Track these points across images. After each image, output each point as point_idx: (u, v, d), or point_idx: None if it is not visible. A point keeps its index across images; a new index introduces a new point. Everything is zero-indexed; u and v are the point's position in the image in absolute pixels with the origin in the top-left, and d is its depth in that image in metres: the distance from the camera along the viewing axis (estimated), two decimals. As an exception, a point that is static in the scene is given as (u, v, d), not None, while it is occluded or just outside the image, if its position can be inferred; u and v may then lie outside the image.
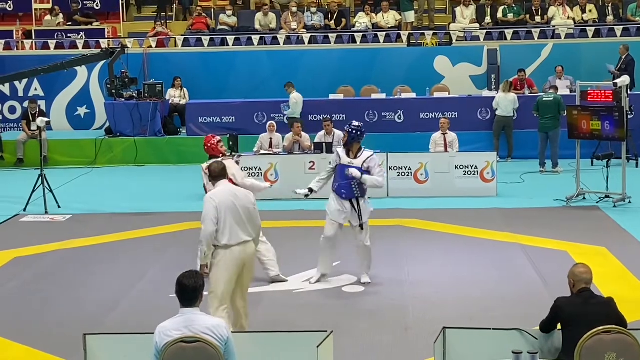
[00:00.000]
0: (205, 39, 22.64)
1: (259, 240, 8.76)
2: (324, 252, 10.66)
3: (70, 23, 24.05)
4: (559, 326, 6.69)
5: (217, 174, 8.49)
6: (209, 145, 10.95)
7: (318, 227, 13.17)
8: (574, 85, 19.43)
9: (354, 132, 10.67)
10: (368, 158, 10.60)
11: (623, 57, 20.22)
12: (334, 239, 10.57)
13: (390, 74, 21.39)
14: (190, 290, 6.20)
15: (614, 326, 6.28)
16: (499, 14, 23.11)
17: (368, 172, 10.52)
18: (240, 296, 8.50)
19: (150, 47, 22.44)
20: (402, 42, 22.45)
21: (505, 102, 18.94)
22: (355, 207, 10.57)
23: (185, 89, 21.28)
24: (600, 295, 6.93)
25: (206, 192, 10.65)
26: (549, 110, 17.71)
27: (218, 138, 11.09)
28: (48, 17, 24.20)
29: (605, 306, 6.61)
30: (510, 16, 23.01)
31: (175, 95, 21.17)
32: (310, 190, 10.86)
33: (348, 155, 10.66)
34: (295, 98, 19.31)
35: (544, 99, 17.97)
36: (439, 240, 12.72)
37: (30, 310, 9.95)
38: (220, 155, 10.91)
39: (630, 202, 14.67)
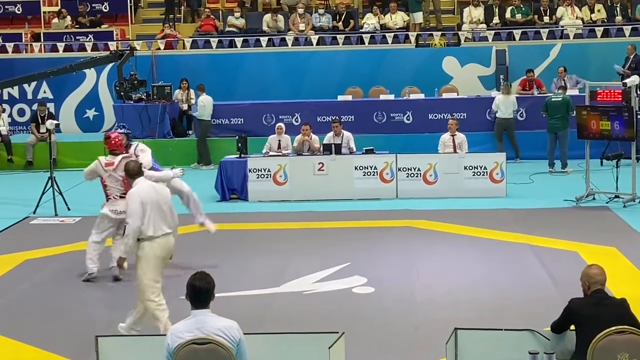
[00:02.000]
0: (214, 41, 22.66)
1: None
2: None
3: (78, 26, 24.12)
4: (571, 327, 6.68)
5: (136, 172, 8.88)
6: (116, 141, 11.26)
7: (327, 228, 13.25)
8: (580, 83, 19.48)
9: None
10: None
11: (631, 56, 20.20)
12: None
13: (398, 75, 21.36)
14: (203, 292, 6.21)
15: (626, 327, 6.28)
16: (507, 15, 23.09)
17: None
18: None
19: (159, 49, 22.47)
20: (410, 43, 22.44)
21: (505, 104, 18.92)
22: None
23: (192, 91, 21.21)
24: (614, 297, 6.91)
25: (103, 187, 11.18)
26: (557, 110, 17.69)
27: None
28: (55, 20, 24.26)
29: (618, 307, 6.60)
30: (518, 16, 22.98)
31: (183, 99, 21.08)
32: None
33: None
34: (203, 101, 19.51)
35: (553, 99, 17.94)
36: (448, 240, 12.71)
37: (41, 313, 9.97)
38: (123, 150, 11.40)
39: (640, 202, 14.66)
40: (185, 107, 20.88)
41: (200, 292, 6.21)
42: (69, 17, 24.22)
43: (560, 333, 6.74)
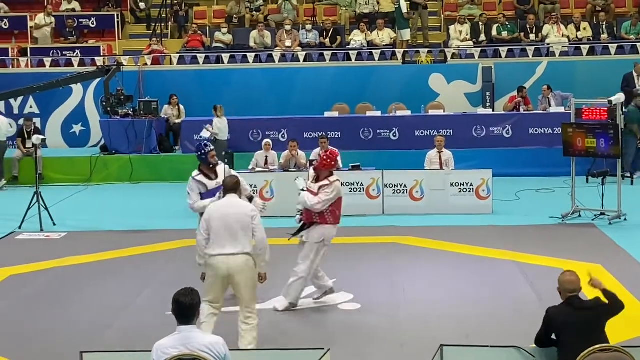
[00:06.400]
0: (201, 57, 22.67)
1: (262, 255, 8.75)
2: None
3: (62, 39, 24.14)
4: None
5: (230, 188, 8.77)
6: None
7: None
8: (564, 97, 19.59)
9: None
10: None
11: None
12: None
13: (385, 92, 21.42)
14: (187, 308, 6.20)
15: (611, 345, 6.30)
16: (494, 32, 23.19)
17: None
18: (240, 309, 8.66)
19: (146, 64, 22.47)
20: (397, 59, 22.51)
21: (222, 126, 19.02)
22: None
23: (181, 107, 21.29)
24: (588, 300, 7.02)
25: None
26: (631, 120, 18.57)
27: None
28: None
29: (592, 310, 6.79)
30: (504, 34, 23.09)
31: (173, 114, 21.15)
32: None
33: None
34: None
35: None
36: (434, 257, 12.71)
37: (26, 329, 9.91)
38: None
39: (625, 219, 14.68)
40: (177, 121, 20.89)
41: (185, 308, 6.20)
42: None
43: (544, 344, 6.81)
